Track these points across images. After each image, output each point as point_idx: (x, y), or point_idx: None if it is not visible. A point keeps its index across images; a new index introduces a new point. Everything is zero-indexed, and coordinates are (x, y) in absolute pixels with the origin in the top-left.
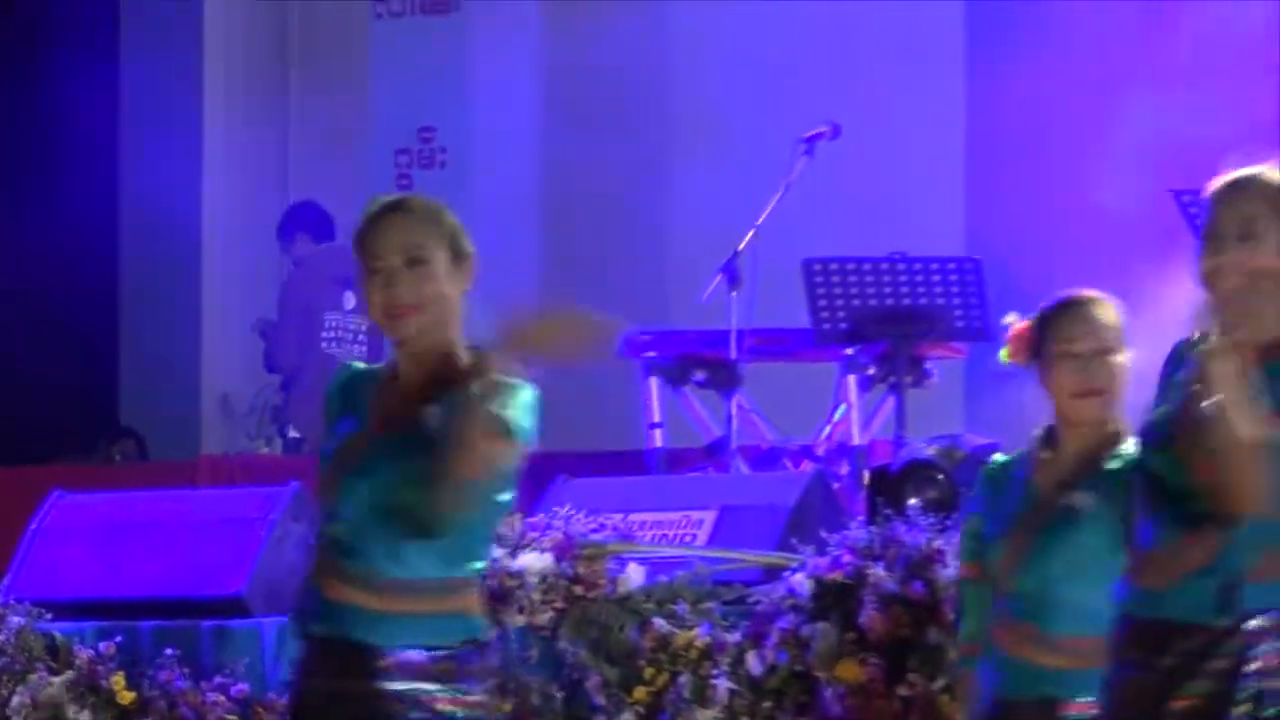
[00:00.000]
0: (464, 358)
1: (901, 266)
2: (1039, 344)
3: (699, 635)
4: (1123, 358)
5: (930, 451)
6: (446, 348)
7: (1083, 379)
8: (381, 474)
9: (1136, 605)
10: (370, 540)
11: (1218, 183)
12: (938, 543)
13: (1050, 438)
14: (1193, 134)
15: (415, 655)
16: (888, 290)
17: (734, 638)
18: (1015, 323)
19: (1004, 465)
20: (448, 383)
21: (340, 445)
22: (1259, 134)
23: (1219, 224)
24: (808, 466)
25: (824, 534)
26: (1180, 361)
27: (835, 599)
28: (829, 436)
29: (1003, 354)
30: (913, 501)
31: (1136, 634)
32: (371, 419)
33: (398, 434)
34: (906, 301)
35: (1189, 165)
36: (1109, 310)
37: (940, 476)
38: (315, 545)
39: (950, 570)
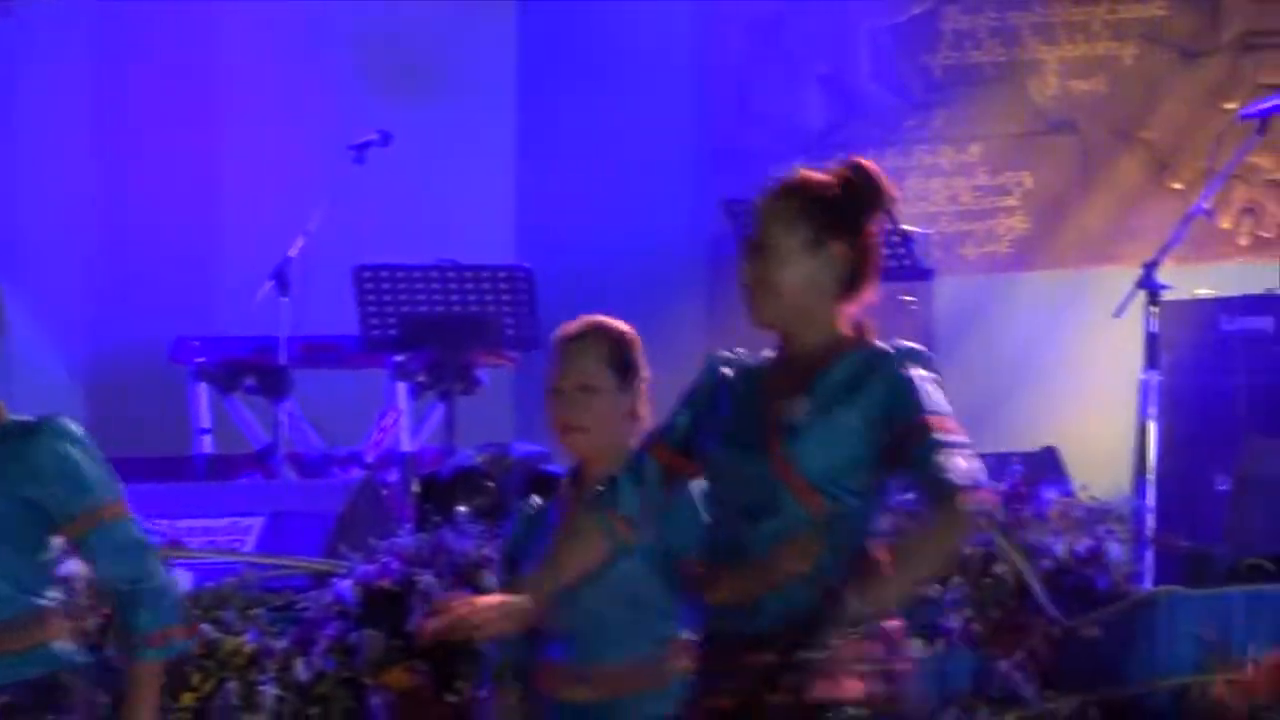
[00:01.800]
0: None
1: (452, 274)
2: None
3: (246, 641)
4: (608, 394)
5: (479, 459)
6: None
7: (562, 416)
8: None
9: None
10: None
11: (762, 193)
12: (486, 550)
13: (575, 474)
14: (741, 144)
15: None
16: (438, 298)
17: (282, 644)
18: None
19: (540, 511)
20: None
21: None
22: (803, 142)
23: (757, 234)
24: (357, 474)
25: (372, 541)
26: (711, 373)
27: (383, 606)
28: (378, 444)
29: None
30: (461, 509)
31: (720, 653)
32: None
33: None
34: (457, 309)
35: (737, 174)
36: (597, 345)
37: (489, 484)
38: None
39: (498, 577)
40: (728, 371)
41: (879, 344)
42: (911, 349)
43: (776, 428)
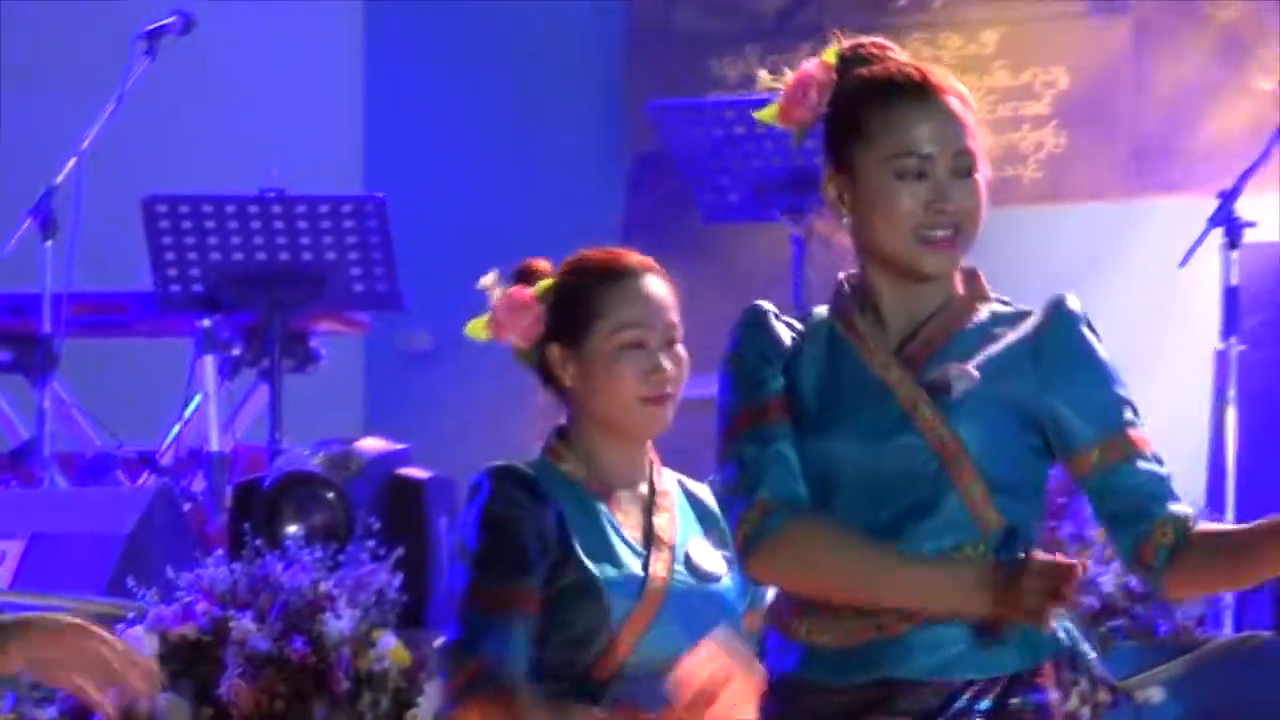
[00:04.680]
0: None
1: (277, 208)
2: (570, 327)
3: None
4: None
5: (316, 461)
6: None
7: (663, 375)
8: None
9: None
10: None
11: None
12: (326, 585)
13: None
14: (666, 33)
15: None
16: (258, 241)
17: (50, 714)
18: (500, 291)
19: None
20: None
21: None
22: (751, 28)
23: (961, 144)
24: (150, 481)
25: (172, 572)
26: (773, 328)
27: (187, 661)
28: (178, 440)
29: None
30: (292, 529)
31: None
32: None
33: None
34: (284, 256)
35: (661, 74)
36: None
37: (330, 495)
38: None
39: (344, 621)
40: (789, 330)
41: (1002, 298)
42: (1075, 306)
43: (930, 399)
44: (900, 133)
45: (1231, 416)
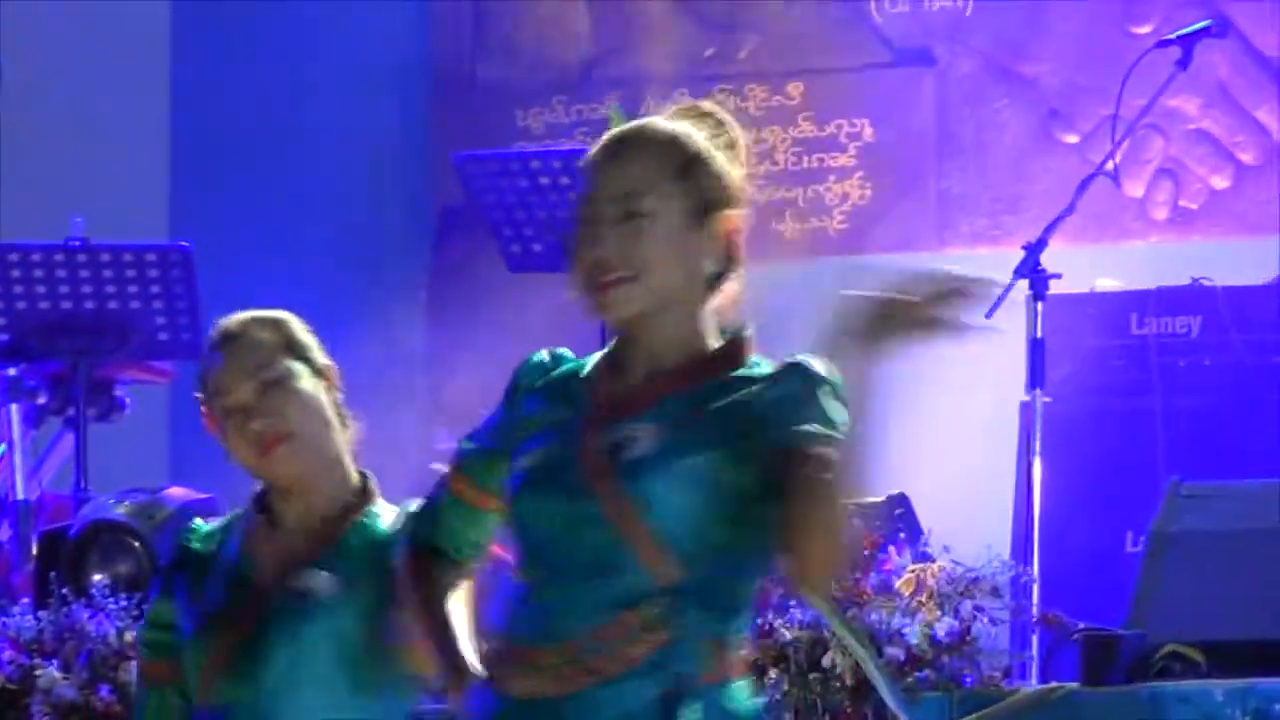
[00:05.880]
0: None
1: (83, 257)
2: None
3: None
4: (303, 383)
5: (122, 510)
6: None
7: (255, 431)
8: None
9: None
10: None
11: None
12: (132, 633)
13: (264, 503)
14: (472, 83)
15: None
16: (64, 289)
17: None
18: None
19: (209, 535)
20: None
21: None
22: (558, 80)
23: (626, 195)
24: None
25: None
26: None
27: None
28: None
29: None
30: (98, 577)
31: None
32: None
33: None
34: (90, 304)
35: (466, 125)
36: (273, 330)
37: (135, 544)
38: None
39: None
40: (542, 378)
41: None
42: (802, 362)
43: (613, 461)
44: (582, 185)
45: (1038, 467)
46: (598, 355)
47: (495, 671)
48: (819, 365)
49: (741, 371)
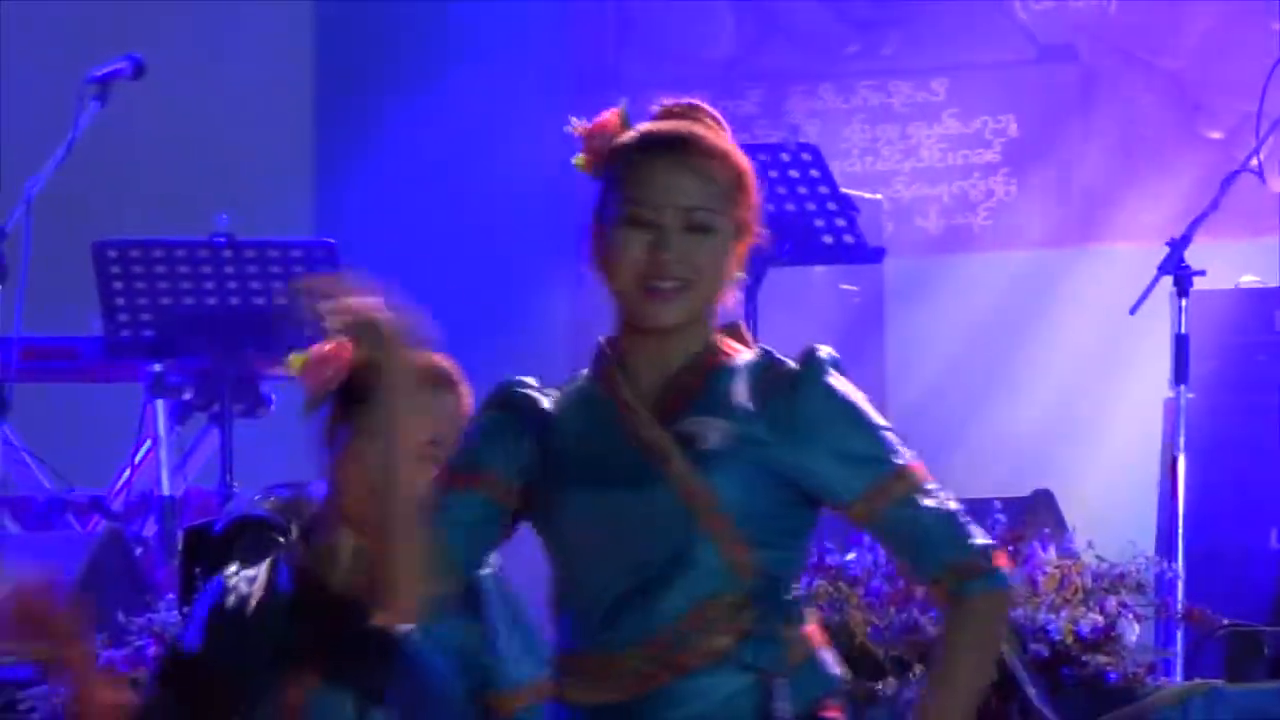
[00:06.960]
0: None
1: (228, 253)
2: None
3: None
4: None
5: (267, 506)
6: None
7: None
8: None
9: None
10: None
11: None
12: None
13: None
14: (619, 75)
15: None
16: (209, 285)
17: None
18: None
19: None
20: None
21: None
22: (703, 73)
23: (692, 205)
24: (100, 525)
25: (123, 617)
26: (512, 403)
27: None
28: (129, 484)
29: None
30: None
31: None
32: None
33: None
34: (235, 300)
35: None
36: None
37: (280, 539)
38: None
39: None
40: (541, 400)
41: (764, 348)
42: (826, 355)
43: (681, 452)
44: (637, 182)
45: (1182, 463)
46: (590, 369)
47: (564, 684)
48: (834, 379)
49: (748, 360)
